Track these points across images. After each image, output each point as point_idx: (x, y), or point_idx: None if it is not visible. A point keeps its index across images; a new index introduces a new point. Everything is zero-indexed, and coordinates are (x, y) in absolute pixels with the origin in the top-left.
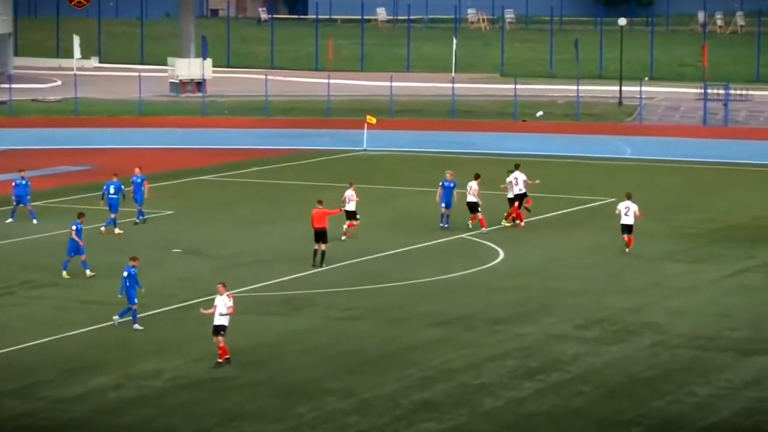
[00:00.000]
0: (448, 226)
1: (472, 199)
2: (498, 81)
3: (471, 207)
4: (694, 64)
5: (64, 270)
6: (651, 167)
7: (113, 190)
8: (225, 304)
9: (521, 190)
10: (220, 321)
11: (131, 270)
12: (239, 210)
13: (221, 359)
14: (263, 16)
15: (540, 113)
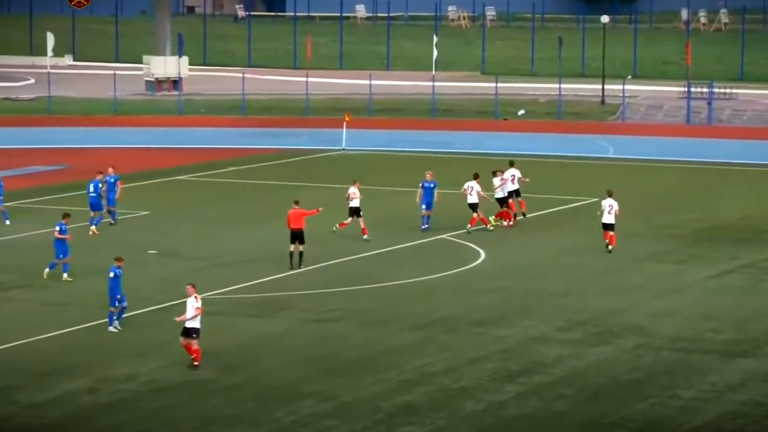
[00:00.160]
0: (428, 226)
1: (473, 200)
2: (479, 79)
3: (472, 208)
4: (677, 62)
5: (48, 269)
6: (634, 167)
7: (92, 188)
8: (193, 305)
9: (515, 186)
10: (191, 323)
11: (117, 271)
12: (216, 210)
13: (197, 362)
14: (240, 13)
15: (521, 112)
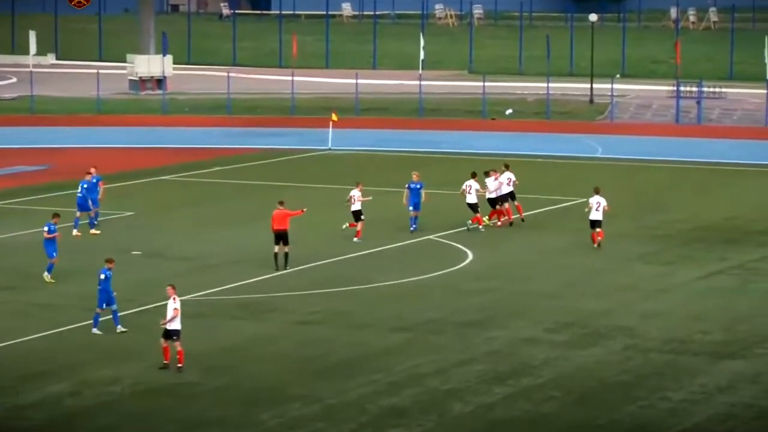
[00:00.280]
0: (416, 227)
1: (472, 200)
2: (466, 78)
3: (472, 208)
4: (666, 61)
5: (47, 274)
6: (623, 166)
7: (80, 189)
8: (171, 307)
9: (510, 189)
10: (171, 325)
11: (107, 273)
12: (201, 211)
13: (180, 363)
14: (225, 11)
15: (509, 111)
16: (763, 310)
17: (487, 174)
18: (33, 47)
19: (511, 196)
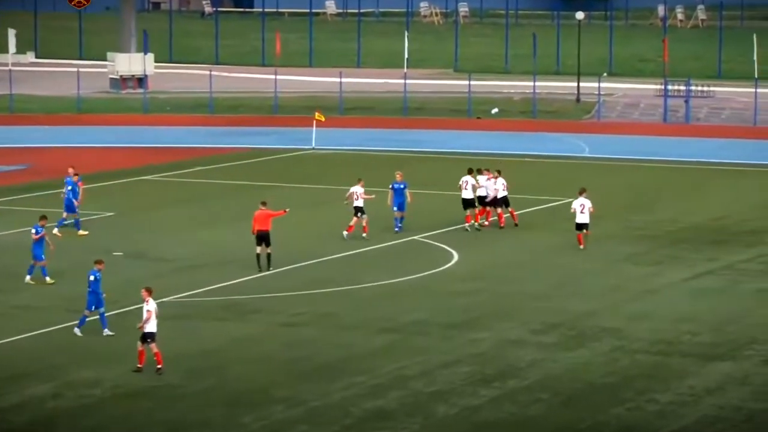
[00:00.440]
0: (401, 227)
1: (468, 195)
2: (451, 77)
3: (468, 204)
4: (654, 59)
5: (28, 276)
6: (610, 166)
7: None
8: (145, 309)
9: (504, 193)
10: (146, 328)
11: (97, 274)
12: (183, 211)
13: (159, 364)
14: (207, 9)
15: (495, 110)
16: (752, 311)
17: (480, 172)
18: (12, 45)
19: (505, 202)
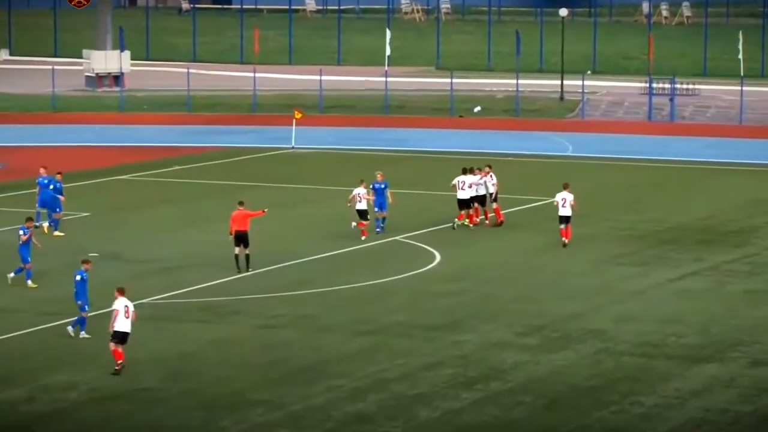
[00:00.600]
0: (383, 228)
1: (464, 196)
2: (433, 75)
3: (463, 204)
4: (638, 56)
5: (12, 274)
6: (593, 165)
7: (51, 187)
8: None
9: (493, 190)
10: (116, 326)
11: (83, 274)
12: (160, 211)
13: (117, 366)
14: (185, 5)
15: (477, 108)
16: (739, 312)
17: (471, 171)
18: None
19: (482, 201)
